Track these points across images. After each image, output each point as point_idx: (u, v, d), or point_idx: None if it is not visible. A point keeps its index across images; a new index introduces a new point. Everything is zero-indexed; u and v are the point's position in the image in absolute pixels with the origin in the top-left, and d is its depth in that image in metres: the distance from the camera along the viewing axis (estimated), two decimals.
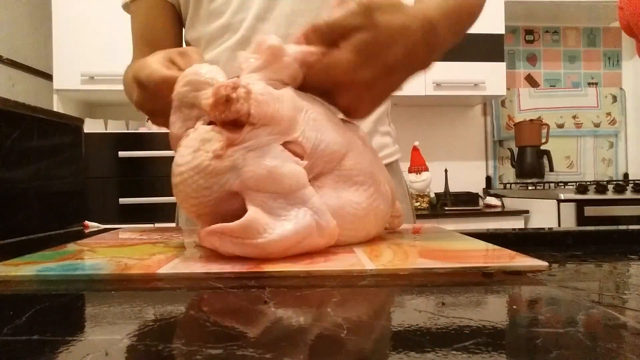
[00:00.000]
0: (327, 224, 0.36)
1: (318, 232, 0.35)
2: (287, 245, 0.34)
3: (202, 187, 0.35)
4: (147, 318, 0.24)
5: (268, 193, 0.35)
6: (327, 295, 0.27)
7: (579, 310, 0.24)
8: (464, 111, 2.55)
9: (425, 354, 0.18)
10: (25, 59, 2.10)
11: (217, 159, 0.34)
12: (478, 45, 2.12)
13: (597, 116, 2.58)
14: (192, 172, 0.35)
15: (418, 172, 2.10)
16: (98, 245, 0.45)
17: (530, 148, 2.35)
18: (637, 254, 0.43)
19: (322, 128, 0.38)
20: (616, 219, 1.82)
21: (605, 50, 2.63)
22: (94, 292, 0.29)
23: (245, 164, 0.34)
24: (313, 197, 0.36)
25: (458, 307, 0.24)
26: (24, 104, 0.61)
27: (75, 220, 0.71)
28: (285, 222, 0.34)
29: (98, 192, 1.79)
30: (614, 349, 0.18)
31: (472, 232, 0.49)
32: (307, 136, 0.37)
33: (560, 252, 0.46)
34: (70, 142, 0.72)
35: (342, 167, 0.39)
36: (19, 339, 0.20)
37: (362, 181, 0.40)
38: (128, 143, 1.82)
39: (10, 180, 0.58)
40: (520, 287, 0.29)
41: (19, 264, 0.35)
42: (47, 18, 2.00)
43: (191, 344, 0.19)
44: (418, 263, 0.33)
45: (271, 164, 0.34)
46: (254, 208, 0.34)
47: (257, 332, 0.21)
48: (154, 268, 0.32)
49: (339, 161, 0.39)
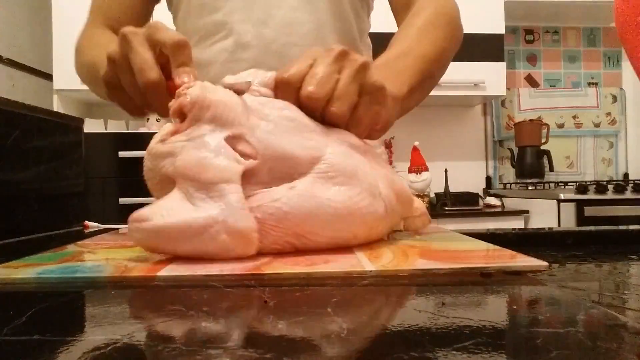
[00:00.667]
0: (235, 222, 0.34)
1: (224, 228, 0.34)
2: (183, 232, 0.34)
3: (148, 168, 0.39)
4: (147, 318, 0.24)
5: (194, 182, 0.35)
6: (327, 295, 0.27)
7: (579, 310, 0.24)
8: (464, 111, 2.55)
9: (425, 354, 0.18)
10: (25, 59, 2.10)
11: (161, 143, 0.37)
12: (478, 45, 2.12)
13: (597, 116, 2.58)
14: (146, 154, 0.39)
15: (418, 172, 2.10)
16: (98, 246, 0.45)
17: (530, 148, 2.35)
18: (637, 254, 0.43)
19: (284, 133, 0.38)
20: (616, 219, 1.82)
21: (605, 50, 2.63)
22: (94, 292, 0.29)
23: (182, 151, 0.36)
24: (232, 194, 0.35)
25: (458, 307, 0.24)
26: (24, 104, 0.61)
27: (75, 220, 0.71)
28: (192, 211, 0.35)
29: (98, 192, 1.79)
30: (614, 349, 0.18)
31: (472, 232, 0.49)
32: (259, 137, 0.37)
33: (560, 252, 0.46)
34: (70, 142, 0.72)
35: (318, 170, 0.38)
36: (19, 339, 0.20)
37: (342, 182, 0.39)
38: (128, 143, 1.82)
39: (11, 180, 0.58)
40: (520, 287, 0.29)
41: (19, 266, 0.35)
42: (47, 18, 2.00)
43: (191, 344, 0.19)
44: (418, 264, 0.33)
45: (202, 154, 0.35)
46: (173, 194, 0.36)
47: (257, 332, 0.21)
48: (154, 270, 0.32)
49: (312, 164, 0.38)
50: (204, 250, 0.35)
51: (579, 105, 2.57)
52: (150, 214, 0.35)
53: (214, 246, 0.35)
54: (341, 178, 0.39)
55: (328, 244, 0.39)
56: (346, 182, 0.39)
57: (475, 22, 2.08)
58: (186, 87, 0.38)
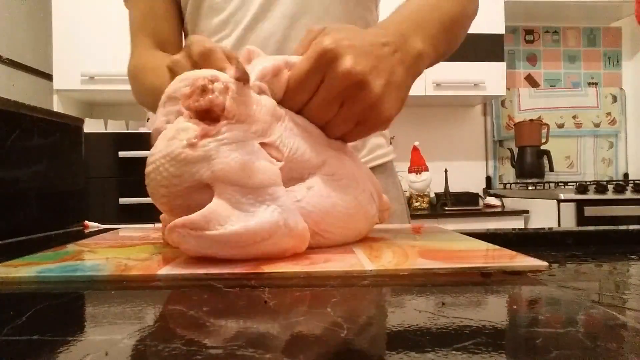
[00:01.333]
0: (295, 224, 0.35)
1: (286, 232, 0.35)
2: (249, 239, 0.33)
3: (172, 175, 0.34)
4: (147, 318, 0.24)
5: (238, 187, 0.34)
6: (327, 295, 0.27)
7: (579, 310, 0.24)
8: (464, 111, 2.55)
9: (425, 354, 0.18)
10: (25, 59, 2.10)
11: (190, 148, 0.34)
12: (478, 45, 2.12)
13: (597, 116, 2.58)
14: (164, 159, 0.34)
15: (418, 172, 2.10)
16: (98, 245, 0.45)
17: (530, 148, 2.35)
18: (637, 254, 0.43)
19: (299, 137, 0.39)
20: (616, 219, 1.82)
21: (605, 50, 2.63)
22: (94, 292, 0.29)
23: (218, 155, 0.34)
24: (283, 196, 0.35)
25: (458, 307, 0.24)
26: (24, 104, 0.61)
27: (75, 220, 0.71)
28: (249, 217, 0.34)
29: (98, 192, 1.79)
30: (614, 349, 0.18)
31: (472, 232, 0.49)
32: (285, 142, 0.37)
33: (560, 252, 0.46)
34: (70, 142, 0.72)
35: (325, 172, 0.39)
36: (19, 339, 0.20)
37: (347, 184, 0.41)
38: (128, 143, 1.82)
39: (11, 180, 0.58)
40: (520, 287, 0.29)
41: (18, 265, 0.35)
42: (47, 18, 2.00)
43: (191, 344, 0.19)
44: (418, 263, 0.33)
45: (244, 158, 0.34)
46: (218, 200, 0.34)
47: (257, 332, 0.21)
48: (154, 269, 0.32)
49: (319, 168, 0.39)
50: (266, 253, 0.35)
51: (579, 105, 2.57)
52: (205, 222, 0.33)
53: (276, 249, 0.35)
54: (345, 180, 0.41)
55: (337, 241, 0.41)
56: (349, 184, 0.41)
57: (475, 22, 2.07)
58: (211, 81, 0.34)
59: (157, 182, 0.35)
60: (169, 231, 0.33)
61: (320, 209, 0.38)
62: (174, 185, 0.34)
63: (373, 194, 0.45)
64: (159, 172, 0.34)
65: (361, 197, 0.42)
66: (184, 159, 0.34)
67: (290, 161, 0.38)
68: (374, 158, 0.74)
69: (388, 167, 0.77)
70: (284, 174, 0.37)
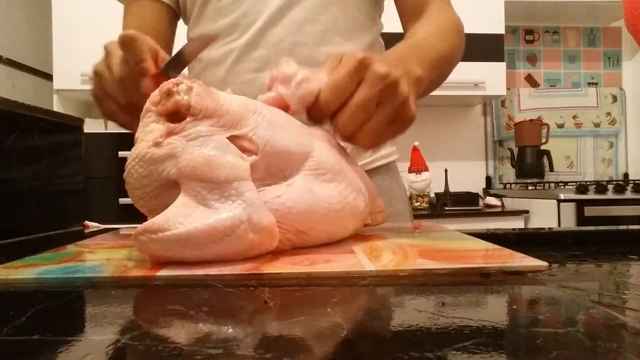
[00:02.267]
0: (259, 219, 0.34)
1: (250, 227, 0.34)
2: (209, 236, 0.33)
3: (142, 176, 0.35)
4: (147, 318, 0.24)
5: (204, 182, 0.34)
6: (327, 295, 0.27)
7: (579, 310, 0.24)
8: (464, 111, 2.55)
9: (425, 354, 0.18)
10: (25, 59, 2.10)
11: (155, 147, 0.34)
12: (478, 45, 2.12)
13: (597, 116, 2.57)
14: (134, 162, 0.35)
15: (418, 172, 2.10)
16: (98, 246, 0.45)
17: (530, 148, 2.35)
18: (637, 254, 0.43)
19: (278, 129, 0.38)
20: (616, 219, 1.82)
21: (605, 50, 2.63)
22: (94, 292, 0.29)
23: (183, 152, 0.34)
24: (249, 191, 0.35)
25: (458, 307, 0.24)
26: (24, 104, 0.61)
27: (75, 220, 0.71)
28: (212, 213, 0.33)
29: (98, 192, 1.79)
30: (614, 349, 0.18)
31: (472, 232, 0.49)
32: (260, 134, 0.37)
33: (560, 252, 0.46)
34: (70, 142, 0.72)
35: (308, 167, 0.39)
36: (19, 339, 0.20)
37: (331, 178, 0.40)
38: (128, 143, 1.80)
39: (11, 180, 0.58)
40: (520, 287, 0.29)
41: (19, 267, 0.35)
42: (47, 18, 2.00)
43: (191, 344, 0.19)
44: (418, 264, 0.33)
45: (209, 153, 0.34)
46: (183, 198, 0.34)
47: (257, 332, 0.21)
48: (154, 270, 0.32)
49: (303, 161, 0.39)
50: (229, 251, 0.34)
51: (579, 105, 2.57)
52: (165, 223, 0.33)
53: (240, 246, 0.34)
54: (329, 175, 0.40)
55: (324, 239, 0.40)
56: (334, 178, 0.40)
57: (475, 22, 2.08)
58: (176, 84, 0.35)
59: (131, 185, 0.36)
60: (133, 240, 0.33)
61: (302, 205, 0.37)
62: (145, 186, 0.35)
63: (362, 190, 0.44)
64: (131, 175, 0.36)
65: (346, 191, 0.41)
66: (150, 158, 0.34)
67: (267, 155, 0.37)
68: (378, 158, 0.74)
69: (392, 167, 0.78)
70: (261, 168, 0.37)
